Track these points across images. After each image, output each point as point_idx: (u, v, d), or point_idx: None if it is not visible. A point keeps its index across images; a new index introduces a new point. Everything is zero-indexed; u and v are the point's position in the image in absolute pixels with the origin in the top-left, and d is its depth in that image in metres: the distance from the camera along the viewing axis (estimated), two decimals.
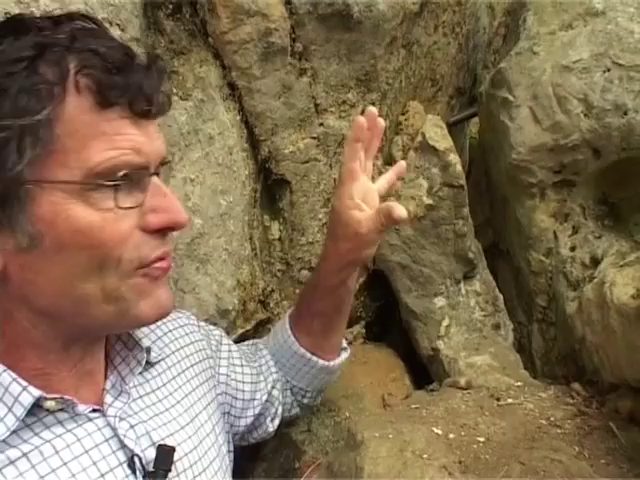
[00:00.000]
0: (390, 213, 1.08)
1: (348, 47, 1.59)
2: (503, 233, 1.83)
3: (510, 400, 1.43)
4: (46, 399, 0.76)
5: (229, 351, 1.22)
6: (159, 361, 0.98)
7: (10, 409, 0.74)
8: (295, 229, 1.69)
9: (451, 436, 1.30)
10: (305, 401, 1.37)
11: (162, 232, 0.79)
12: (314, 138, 1.66)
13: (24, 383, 0.75)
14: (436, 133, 1.67)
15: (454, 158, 1.65)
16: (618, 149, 1.49)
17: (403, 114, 1.77)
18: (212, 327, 1.24)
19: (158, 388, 0.95)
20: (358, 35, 1.58)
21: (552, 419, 1.36)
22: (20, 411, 0.74)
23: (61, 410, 0.78)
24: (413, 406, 1.43)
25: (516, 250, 1.75)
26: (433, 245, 1.68)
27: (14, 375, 0.75)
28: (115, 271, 0.76)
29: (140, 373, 0.93)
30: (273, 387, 1.29)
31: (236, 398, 1.19)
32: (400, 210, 1.08)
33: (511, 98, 1.59)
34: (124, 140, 0.74)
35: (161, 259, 0.80)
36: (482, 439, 1.29)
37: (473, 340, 1.66)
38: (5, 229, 0.72)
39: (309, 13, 1.52)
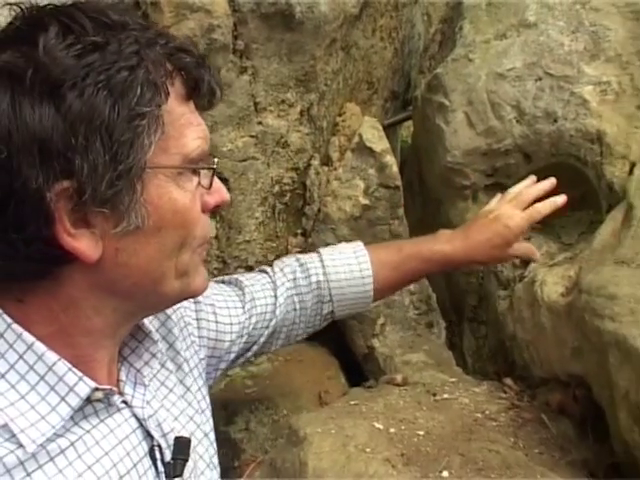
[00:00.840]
0: (532, 255, 1.47)
1: (289, 47, 1.60)
2: None
3: (446, 395, 1.47)
4: (97, 390, 0.78)
5: (207, 304, 1.21)
6: None
7: (63, 398, 0.75)
8: (232, 227, 1.68)
9: (392, 430, 1.33)
10: (322, 324, 1.42)
11: (209, 212, 0.87)
12: (253, 137, 1.66)
13: (79, 373, 0.76)
14: (373, 135, 1.70)
15: (390, 159, 1.69)
16: (548, 155, 1.56)
17: (340, 115, 1.80)
18: None
19: (155, 376, 0.95)
20: (299, 35, 1.59)
21: (487, 412, 1.41)
22: (76, 401, 0.76)
23: (99, 400, 0.80)
24: (352, 402, 1.45)
25: None
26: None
27: (69, 365, 0.76)
28: (189, 248, 0.83)
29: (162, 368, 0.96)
30: (251, 331, 1.28)
31: (213, 357, 1.20)
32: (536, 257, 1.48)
33: (447, 103, 1.64)
34: (202, 130, 0.82)
35: None
36: (422, 433, 1.32)
37: (407, 338, 1.70)
38: (119, 212, 0.74)
39: (252, 11, 1.53)
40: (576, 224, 1.60)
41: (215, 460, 1.04)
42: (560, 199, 1.40)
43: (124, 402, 0.85)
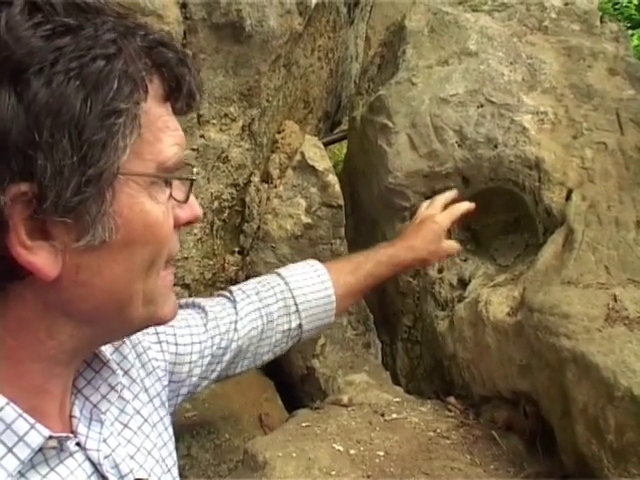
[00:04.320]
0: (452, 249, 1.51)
1: (236, 60, 1.57)
2: None
3: (394, 415, 1.47)
4: (51, 438, 0.66)
5: (167, 326, 1.09)
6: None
7: (10, 450, 0.63)
8: None
9: (352, 452, 1.31)
10: (290, 342, 1.34)
11: (179, 228, 0.76)
12: (194, 150, 1.60)
13: (31, 420, 0.64)
14: (315, 154, 1.70)
15: (333, 178, 1.69)
16: (487, 179, 1.62)
17: (279, 132, 1.78)
18: None
19: (108, 409, 0.83)
20: (246, 49, 1.57)
21: (438, 431, 1.42)
22: (26, 453, 0.64)
23: (51, 447, 0.67)
24: (304, 424, 1.41)
25: None
26: None
27: (19, 410, 0.64)
28: (156, 269, 0.71)
29: (118, 398, 0.84)
30: (214, 351, 1.19)
31: (173, 382, 1.08)
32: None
33: (390, 124, 1.66)
34: (180, 136, 0.71)
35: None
36: (382, 453, 1.31)
37: (347, 358, 1.69)
38: (84, 224, 0.63)
39: (203, 20, 1.48)
40: (511, 247, 1.66)
41: None
42: (471, 204, 1.56)
43: (77, 444, 0.73)
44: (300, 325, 1.33)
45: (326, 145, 2.01)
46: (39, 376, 0.69)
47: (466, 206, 1.57)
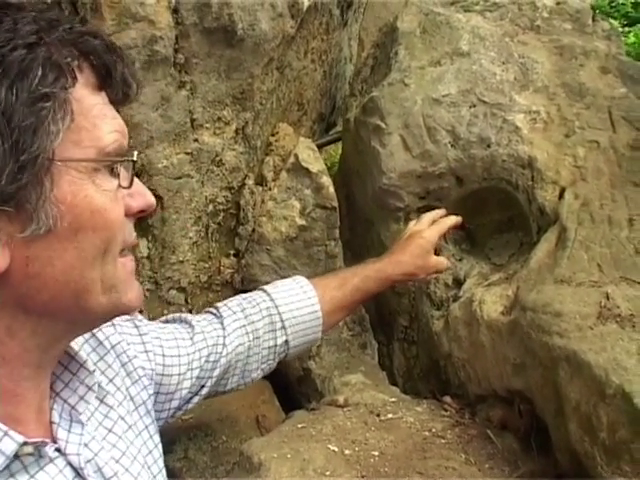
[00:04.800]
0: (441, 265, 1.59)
1: (228, 63, 1.58)
2: (364, 256, 1.89)
3: (390, 415, 1.48)
4: (26, 444, 0.66)
5: (154, 337, 1.12)
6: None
7: None
8: (165, 247, 1.62)
9: (347, 452, 1.31)
10: (276, 359, 1.37)
11: (133, 217, 0.77)
12: (188, 154, 1.61)
13: (4, 427, 0.65)
14: (309, 156, 1.70)
15: (327, 180, 1.69)
16: (480, 178, 1.62)
17: (273, 135, 1.79)
18: (134, 317, 1.12)
19: (92, 414, 0.83)
20: (239, 52, 1.58)
21: (434, 430, 1.42)
22: (0, 461, 0.64)
23: (28, 454, 0.68)
24: (299, 425, 1.42)
25: None
26: (304, 266, 1.70)
27: None
28: (112, 256, 0.73)
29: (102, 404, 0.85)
30: (203, 364, 1.20)
31: (161, 393, 1.11)
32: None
33: (383, 125, 1.66)
34: (119, 124, 0.73)
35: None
36: (376, 453, 1.32)
37: (343, 359, 1.70)
38: (26, 212, 0.64)
39: (195, 25, 1.49)
40: (505, 246, 1.67)
41: None
42: (458, 217, 1.63)
43: (57, 450, 0.74)
44: (287, 341, 1.34)
45: (321, 147, 2.02)
46: (7, 381, 0.69)
47: (453, 220, 1.61)
